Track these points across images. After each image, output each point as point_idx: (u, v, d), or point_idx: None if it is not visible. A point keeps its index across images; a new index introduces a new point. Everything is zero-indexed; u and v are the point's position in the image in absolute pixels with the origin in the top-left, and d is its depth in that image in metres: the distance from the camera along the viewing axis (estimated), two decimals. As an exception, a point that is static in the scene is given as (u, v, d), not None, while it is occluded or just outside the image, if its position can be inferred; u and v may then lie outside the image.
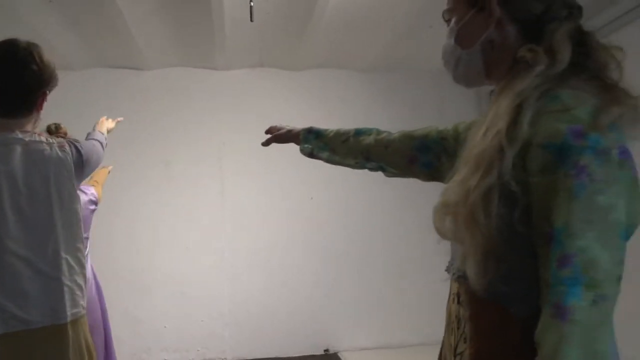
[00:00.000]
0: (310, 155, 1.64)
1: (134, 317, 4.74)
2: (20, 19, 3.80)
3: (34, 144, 1.63)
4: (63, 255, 1.63)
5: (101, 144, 2.07)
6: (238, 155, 4.99)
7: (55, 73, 1.78)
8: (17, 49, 1.66)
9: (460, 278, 1.00)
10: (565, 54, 0.88)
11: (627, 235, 0.81)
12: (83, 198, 2.83)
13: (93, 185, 2.99)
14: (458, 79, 1.13)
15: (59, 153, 1.66)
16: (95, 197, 2.93)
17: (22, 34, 4.18)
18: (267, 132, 1.73)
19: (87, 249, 2.98)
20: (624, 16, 3.70)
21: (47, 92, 1.76)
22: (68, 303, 1.61)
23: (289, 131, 1.67)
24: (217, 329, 4.91)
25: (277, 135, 1.70)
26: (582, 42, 0.92)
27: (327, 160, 1.60)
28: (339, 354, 4.92)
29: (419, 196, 5.41)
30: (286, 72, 5.20)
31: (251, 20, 3.52)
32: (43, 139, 1.69)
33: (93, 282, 3.01)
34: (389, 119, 5.44)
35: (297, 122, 1.68)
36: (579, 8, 0.99)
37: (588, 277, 0.76)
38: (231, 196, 5.01)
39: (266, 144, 1.72)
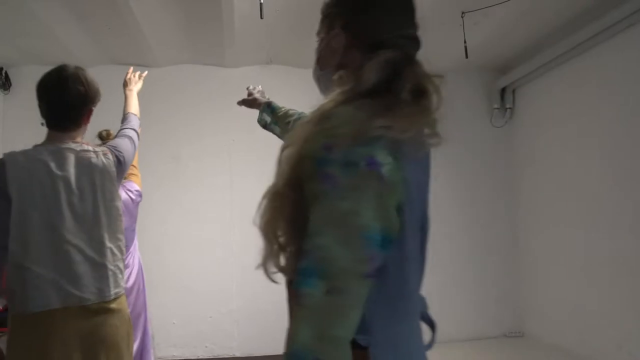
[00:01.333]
0: (265, 127, 1.90)
1: (143, 313, 4.77)
2: (31, 14, 3.82)
3: (83, 153, 1.95)
4: (107, 244, 1.95)
5: (137, 132, 2.33)
6: (247, 152, 5.00)
7: (99, 91, 2.05)
8: (67, 73, 1.95)
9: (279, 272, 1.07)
10: (369, 77, 0.96)
11: (386, 237, 0.88)
12: (130, 196, 2.98)
13: (133, 174, 3.09)
14: (323, 95, 1.20)
15: (104, 160, 1.98)
16: (138, 190, 3.10)
17: (33, 30, 4.22)
18: (247, 88, 2.07)
19: (135, 238, 3.17)
20: (630, 17, 3.68)
21: (93, 108, 2.04)
22: (112, 284, 1.93)
23: (256, 100, 1.99)
24: (226, 325, 4.93)
25: (246, 100, 2.02)
26: (402, 69, 0.99)
27: (278, 136, 1.80)
28: (346, 352, 4.92)
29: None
30: (295, 70, 5.20)
31: (261, 18, 3.52)
32: (90, 148, 1.99)
33: (140, 272, 3.18)
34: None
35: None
36: (415, 39, 1.08)
37: (322, 270, 0.83)
38: (240, 192, 5.02)
39: (239, 103, 2.07)
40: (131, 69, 2.75)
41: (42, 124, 2.01)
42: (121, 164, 2.06)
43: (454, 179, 5.40)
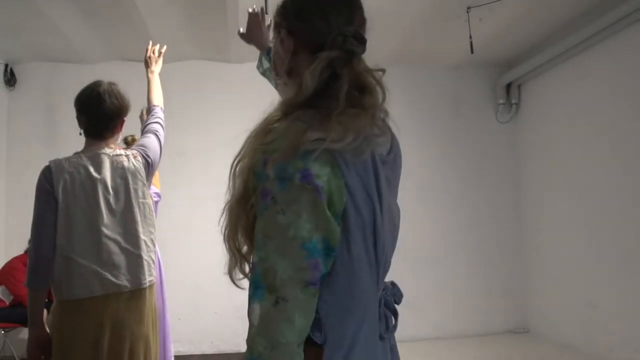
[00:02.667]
0: (263, 74, 1.93)
1: (149, 309, 4.78)
2: (37, 11, 3.83)
3: (117, 157, 2.19)
4: (142, 237, 2.18)
5: (162, 125, 2.55)
6: (252, 148, 4.99)
7: (130, 103, 2.28)
8: (103, 89, 2.18)
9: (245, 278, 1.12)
10: (308, 84, 0.99)
11: (328, 245, 0.93)
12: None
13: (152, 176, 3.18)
14: None
15: (134, 163, 2.21)
16: (157, 192, 3.22)
17: (39, 26, 4.21)
18: (248, 12, 2.01)
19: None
20: (636, 12, 3.66)
21: (124, 118, 2.27)
22: (146, 272, 2.16)
23: (252, 38, 1.97)
24: (231, 321, 4.94)
25: (244, 35, 1.98)
26: (341, 69, 1.01)
27: (274, 86, 1.78)
28: (351, 347, 4.92)
29: (433, 189, 5.41)
30: (300, 65, 5.19)
31: (265, 13, 3.51)
32: (123, 152, 2.22)
33: (159, 267, 3.27)
34: (405, 113, 5.41)
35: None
36: (356, 36, 1.06)
37: (267, 282, 0.91)
38: (245, 189, 5.01)
39: (239, 35, 2.02)
40: (150, 43, 2.79)
41: (80, 134, 2.24)
42: (149, 165, 2.31)
43: (459, 174, 5.39)
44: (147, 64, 2.73)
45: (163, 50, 2.81)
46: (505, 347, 4.79)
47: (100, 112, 2.16)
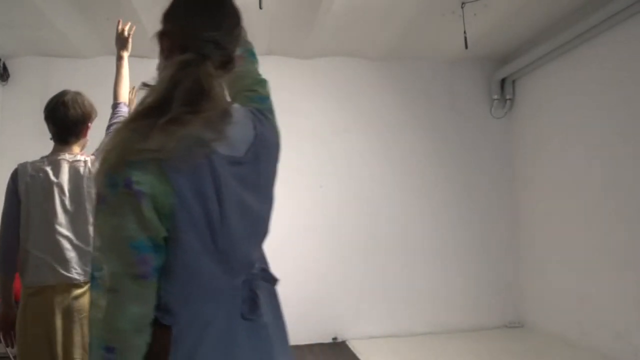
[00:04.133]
0: None
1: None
2: (31, 5, 3.81)
3: (75, 162, 2.39)
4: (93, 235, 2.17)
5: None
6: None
7: (94, 110, 2.49)
8: (67, 98, 2.40)
9: None
10: (157, 87, 1.08)
11: (156, 243, 1.03)
12: None
13: None
14: None
15: (90, 168, 2.39)
16: None
17: (33, 21, 4.18)
18: None
19: None
20: (631, 7, 3.67)
21: (89, 124, 2.47)
22: None
23: None
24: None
25: None
26: (186, 75, 1.08)
27: None
28: (347, 342, 4.94)
29: (428, 185, 5.42)
30: (295, 60, 5.18)
31: (260, 8, 3.50)
32: (81, 158, 2.41)
33: None
34: (400, 108, 5.42)
35: (306, 110, 1.71)
36: (214, 41, 1.15)
37: (103, 275, 1.02)
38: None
39: None
40: (120, 21, 2.78)
41: (50, 139, 2.45)
42: None
43: (453, 169, 5.40)
44: (119, 45, 2.74)
45: (132, 32, 2.81)
46: (500, 342, 4.82)
47: (64, 120, 2.39)
